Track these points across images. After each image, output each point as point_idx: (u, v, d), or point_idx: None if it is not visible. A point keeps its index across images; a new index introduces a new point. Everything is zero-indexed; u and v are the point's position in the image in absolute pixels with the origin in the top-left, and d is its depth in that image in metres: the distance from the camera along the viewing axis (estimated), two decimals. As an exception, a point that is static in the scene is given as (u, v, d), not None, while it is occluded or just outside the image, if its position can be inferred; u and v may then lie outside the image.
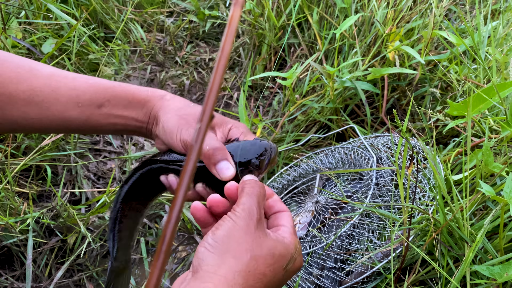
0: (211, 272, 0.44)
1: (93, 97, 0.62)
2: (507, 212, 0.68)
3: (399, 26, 1.28)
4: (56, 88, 0.62)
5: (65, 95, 0.61)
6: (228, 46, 0.20)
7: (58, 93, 0.61)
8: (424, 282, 0.82)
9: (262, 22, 1.53)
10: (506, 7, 1.44)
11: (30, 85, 0.61)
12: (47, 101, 0.61)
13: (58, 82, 0.62)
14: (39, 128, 0.64)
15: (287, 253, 0.49)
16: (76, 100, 0.62)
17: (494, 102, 0.81)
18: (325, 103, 1.25)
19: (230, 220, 0.48)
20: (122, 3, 1.88)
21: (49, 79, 0.62)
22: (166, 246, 0.19)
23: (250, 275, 0.45)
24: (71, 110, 0.62)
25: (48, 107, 0.61)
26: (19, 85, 0.61)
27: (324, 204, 1.00)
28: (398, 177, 0.76)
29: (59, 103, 0.61)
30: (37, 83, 0.61)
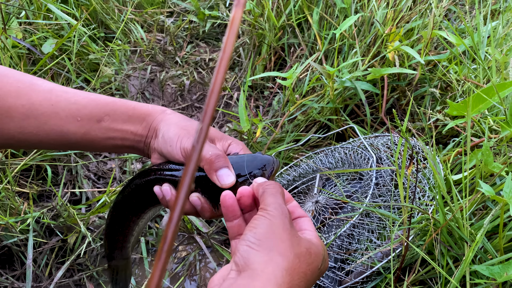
0: (259, 270, 0.43)
1: (93, 112, 0.62)
2: (507, 212, 0.68)
3: (399, 26, 1.28)
4: (56, 103, 0.61)
5: (65, 109, 0.61)
6: (230, 46, 0.21)
7: (58, 107, 0.61)
8: (424, 282, 0.83)
9: (262, 22, 1.53)
10: (505, 7, 1.44)
11: (29, 99, 0.61)
12: (46, 115, 0.61)
13: (58, 96, 0.62)
14: (36, 143, 0.63)
15: (320, 253, 0.49)
16: (75, 114, 0.61)
17: (494, 102, 0.81)
18: (325, 103, 1.25)
19: (266, 218, 0.47)
20: (122, 3, 1.89)
21: (49, 93, 0.62)
22: (167, 246, 0.19)
23: (295, 273, 0.45)
24: (69, 124, 0.61)
25: (46, 121, 0.61)
26: (19, 99, 0.60)
27: (324, 204, 1.00)
28: (398, 177, 0.76)
29: (58, 117, 0.61)
30: (37, 98, 0.61)
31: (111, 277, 0.75)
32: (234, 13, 0.21)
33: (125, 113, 0.63)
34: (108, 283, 1.07)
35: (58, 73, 1.46)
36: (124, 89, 1.57)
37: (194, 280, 1.09)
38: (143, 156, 0.69)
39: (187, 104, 1.64)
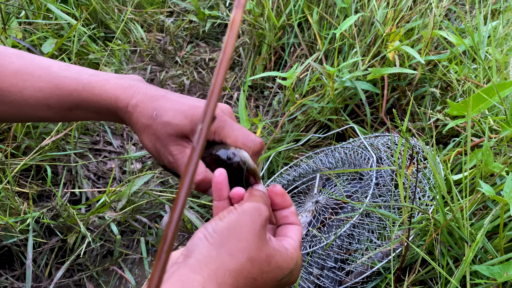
0: (203, 263, 0.42)
1: (61, 101, 0.59)
2: (507, 212, 0.68)
3: (399, 26, 1.28)
4: (23, 89, 0.59)
5: (32, 97, 0.59)
6: (230, 47, 0.21)
7: (25, 95, 0.59)
8: (424, 282, 0.82)
9: (262, 22, 1.53)
10: (506, 7, 1.44)
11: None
12: (17, 102, 0.59)
13: (24, 82, 0.59)
14: (19, 121, 0.63)
15: (285, 266, 0.46)
16: (44, 102, 0.60)
17: (494, 102, 0.81)
18: (325, 103, 1.25)
19: (235, 213, 0.45)
20: (122, 3, 1.88)
21: (15, 78, 0.59)
22: (167, 246, 0.19)
23: (241, 277, 0.43)
24: (43, 111, 0.60)
25: (19, 107, 0.60)
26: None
27: (324, 204, 1.00)
28: (398, 177, 0.76)
29: (28, 104, 0.60)
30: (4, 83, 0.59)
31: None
32: (235, 15, 0.21)
33: (92, 105, 0.59)
34: (107, 283, 1.06)
35: (58, 73, 1.46)
36: (124, 89, 1.57)
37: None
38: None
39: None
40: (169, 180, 1.27)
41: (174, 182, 1.27)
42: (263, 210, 0.47)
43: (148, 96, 0.57)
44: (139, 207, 1.16)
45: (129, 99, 0.57)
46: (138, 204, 1.13)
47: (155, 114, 0.56)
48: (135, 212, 1.15)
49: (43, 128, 1.24)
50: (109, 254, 1.12)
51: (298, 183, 1.16)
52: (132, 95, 0.57)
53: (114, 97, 0.58)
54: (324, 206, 1.00)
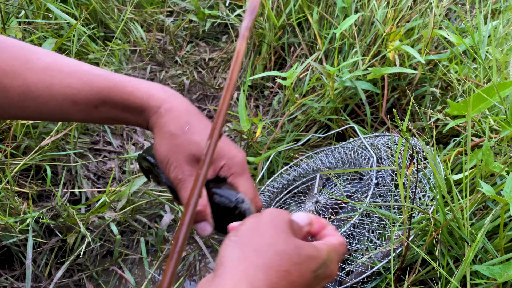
0: (232, 267, 0.40)
1: (89, 97, 0.60)
2: (507, 212, 0.68)
3: (399, 26, 1.28)
4: (51, 85, 0.59)
5: (60, 92, 0.59)
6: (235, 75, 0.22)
7: (52, 90, 0.59)
8: (424, 282, 0.82)
9: (262, 22, 1.53)
10: (506, 6, 1.43)
11: (24, 81, 0.59)
12: (43, 97, 0.59)
13: (52, 77, 0.59)
14: (41, 119, 0.63)
15: (318, 256, 0.44)
16: (72, 98, 0.59)
17: (494, 102, 0.81)
18: (325, 102, 1.25)
19: (255, 216, 0.45)
20: (122, 3, 1.88)
21: (44, 74, 0.59)
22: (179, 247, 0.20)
23: (273, 271, 0.40)
24: (68, 107, 0.60)
25: (45, 103, 0.60)
26: (14, 80, 0.59)
27: (324, 204, 1.00)
28: (398, 177, 0.76)
29: (55, 100, 0.60)
30: (32, 79, 0.59)
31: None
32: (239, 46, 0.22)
33: (121, 102, 0.60)
34: (107, 283, 1.06)
35: (58, 72, 1.46)
36: (124, 89, 1.57)
37: (194, 280, 1.09)
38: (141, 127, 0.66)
39: (187, 104, 1.63)
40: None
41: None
42: (284, 213, 0.46)
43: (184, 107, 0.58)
44: (139, 207, 1.16)
45: (164, 101, 0.58)
46: (138, 204, 1.13)
47: (187, 128, 0.56)
48: (135, 212, 1.15)
49: (43, 128, 1.24)
50: (109, 254, 1.12)
51: (298, 183, 1.16)
52: (168, 98, 0.58)
53: (147, 96, 0.58)
54: (324, 206, 1.00)
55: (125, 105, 0.60)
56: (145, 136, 1.47)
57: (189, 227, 0.21)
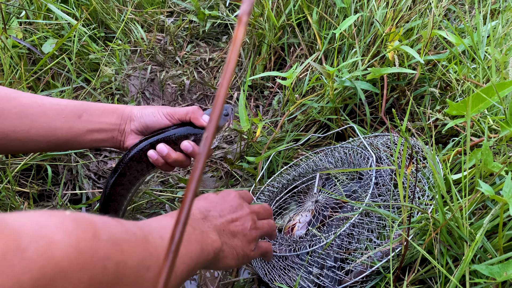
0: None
1: (74, 110, 0.75)
2: (506, 211, 0.69)
3: (399, 26, 1.29)
4: (42, 104, 0.73)
5: (51, 108, 0.73)
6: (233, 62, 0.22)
7: (44, 107, 0.72)
8: (423, 281, 0.83)
9: (262, 22, 1.53)
10: (505, 6, 1.44)
11: (19, 102, 0.71)
12: (36, 114, 0.72)
13: (42, 99, 0.74)
14: (26, 141, 0.72)
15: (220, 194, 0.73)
16: (60, 112, 0.73)
17: (494, 101, 0.81)
18: (324, 102, 1.25)
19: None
20: (123, 3, 1.89)
21: (34, 98, 0.73)
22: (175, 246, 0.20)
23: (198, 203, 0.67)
24: (56, 121, 0.73)
25: (36, 119, 0.71)
26: (10, 102, 0.69)
27: (323, 203, 1.00)
28: (398, 177, 0.76)
29: (46, 115, 0.72)
30: (25, 101, 0.71)
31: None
32: (237, 32, 0.23)
33: (98, 109, 0.78)
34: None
35: (59, 73, 1.46)
36: (124, 89, 1.58)
37: (194, 279, 1.09)
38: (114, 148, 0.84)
39: (187, 104, 1.64)
40: (169, 180, 1.27)
41: (174, 181, 1.27)
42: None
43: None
44: (139, 206, 1.16)
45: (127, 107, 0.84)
46: (138, 204, 1.14)
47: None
48: (136, 212, 1.16)
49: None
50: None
51: (298, 183, 1.17)
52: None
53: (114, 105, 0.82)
54: (324, 205, 1.00)
55: (101, 111, 0.78)
56: (146, 136, 1.47)
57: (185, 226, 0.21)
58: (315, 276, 0.88)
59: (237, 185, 1.24)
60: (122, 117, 0.79)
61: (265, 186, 1.17)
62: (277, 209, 1.14)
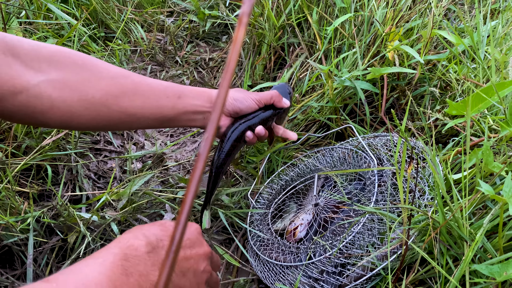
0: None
1: (174, 90, 0.83)
2: (506, 211, 0.69)
3: (398, 26, 1.28)
4: (150, 83, 0.80)
5: (157, 89, 0.81)
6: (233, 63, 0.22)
7: (152, 87, 0.80)
8: (423, 282, 0.83)
9: (261, 22, 1.53)
10: (505, 6, 1.44)
11: (133, 80, 0.78)
12: (147, 91, 0.79)
13: (148, 79, 0.81)
14: (140, 117, 0.79)
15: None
16: (164, 92, 0.81)
17: (494, 101, 0.81)
18: (324, 102, 1.25)
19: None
20: (123, 3, 1.89)
21: (142, 77, 0.80)
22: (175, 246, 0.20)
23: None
24: (162, 99, 0.80)
25: (148, 96, 0.79)
26: (126, 79, 0.77)
27: (323, 206, 1.00)
28: (398, 178, 0.76)
29: (154, 93, 0.80)
30: (137, 79, 0.79)
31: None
32: (237, 32, 0.23)
33: (191, 92, 0.85)
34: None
35: (58, 72, 1.46)
36: (124, 89, 1.58)
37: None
38: (203, 128, 0.92)
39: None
40: (169, 179, 1.27)
41: (174, 181, 1.27)
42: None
43: None
44: (140, 206, 1.16)
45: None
46: (138, 204, 1.14)
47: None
48: (136, 212, 1.15)
49: (43, 128, 1.24)
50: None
51: (296, 183, 1.17)
52: None
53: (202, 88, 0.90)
54: (324, 209, 1.00)
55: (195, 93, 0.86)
56: (146, 135, 1.47)
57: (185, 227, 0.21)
58: (314, 280, 0.88)
59: (238, 184, 1.24)
60: (213, 100, 0.85)
61: (263, 188, 1.17)
62: (276, 211, 1.13)
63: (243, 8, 0.24)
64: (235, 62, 0.23)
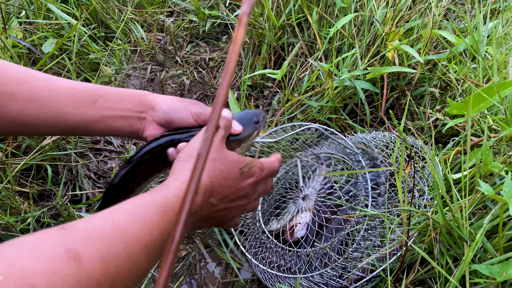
0: (178, 174, 0.56)
1: (88, 95, 0.70)
2: (506, 211, 0.68)
3: (398, 26, 1.28)
4: (55, 88, 0.68)
5: (63, 93, 0.69)
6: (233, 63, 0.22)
7: (56, 92, 0.68)
8: (423, 282, 0.83)
9: (262, 22, 1.53)
10: (505, 6, 1.44)
11: (31, 86, 0.67)
12: (46, 99, 0.68)
13: (56, 83, 0.69)
14: (36, 125, 0.69)
15: (240, 160, 0.61)
16: (72, 97, 0.69)
17: (494, 101, 0.81)
18: (324, 102, 1.25)
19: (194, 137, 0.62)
20: (122, 3, 1.89)
21: (48, 82, 0.69)
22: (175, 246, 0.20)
23: (210, 171, 0.57)
24: (67, 106, 0.69)
25: (46, 104, 0.68)
26: (21, 86, 0.66)
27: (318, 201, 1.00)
28: (397, 178, 0.76)
29: (57, 100, 0.68)
30: (38, 85, 0.68)
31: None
32: (237, 32, 0.23)
33: (116, 94, 0.71)
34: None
35: (58, 72, 1.46)
36: (124, 89, 1.58)
37: (194, 279, 1.09)
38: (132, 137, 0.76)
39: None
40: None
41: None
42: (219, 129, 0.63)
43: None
44: (139, 206, 1.16)
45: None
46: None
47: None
48: (135, 212, 1.15)
49: (44, 128, 1.24)
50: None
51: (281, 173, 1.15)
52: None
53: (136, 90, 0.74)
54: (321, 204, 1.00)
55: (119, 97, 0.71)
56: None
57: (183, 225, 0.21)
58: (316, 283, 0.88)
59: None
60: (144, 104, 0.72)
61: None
62: (274, 209, 1.13)
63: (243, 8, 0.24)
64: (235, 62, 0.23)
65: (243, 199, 0.63)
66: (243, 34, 0.24)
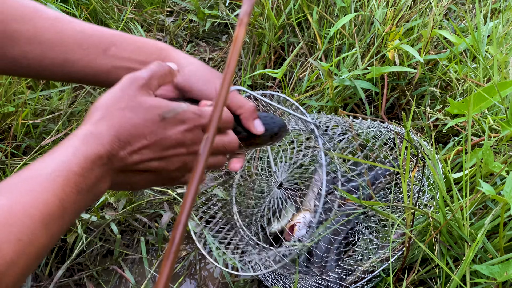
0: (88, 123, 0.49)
1: (100, 41, 0.61)
2: (507, 211, 0.68)
3: (399, 25, 1.28)
4: (62, 30, 0.60)
5: (71, 37, 0.60)
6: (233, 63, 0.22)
7: (64, 35, 0.60)
8: (423, 282, 0.83)
9: (262, 22, 1.53)
10: (506, 6, 1.44)
11: (34, 25, 0.60)
12: (51, 41, 0.60)
13: (64, 24, 0.61)
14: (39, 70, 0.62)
15: (164, 106, 0.51)
16: (81, 43, 0.60)
17: (495, 101, 0.81)
18: (324, 102, 1.25)
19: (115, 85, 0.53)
20: (122, 3, 1.89)
21: (55, 21, 0.61)
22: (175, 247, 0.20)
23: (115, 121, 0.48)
24: (74, 51, 0.60)
25: (51, 47, 0.60)
26: (23, 24, 0.59)
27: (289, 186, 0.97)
28: (403, 180, 0.76)
29: (63, 44, 0.60)
30: (43, 24, 0.60)
31: None
32: (237, 32, 0.22)
33: (133, 43, 0.62)
34: (108, 282, 1.06)
35: (58, 72, 1.46)
36: (124, 89, 1.57)
37: (194, 279, 1.09)
38: None
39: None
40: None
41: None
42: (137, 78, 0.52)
43: None
44: (139, 206, 1.16)
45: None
46: (138, 204, 1.14)
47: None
48: (135, 212, 1.15)
49: (43, 128, 1.24)
50: (109, 254, 1.12)
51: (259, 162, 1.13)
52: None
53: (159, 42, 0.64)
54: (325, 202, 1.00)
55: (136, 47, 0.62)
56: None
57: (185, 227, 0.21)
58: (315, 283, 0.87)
59: (237, 185, 1.24)
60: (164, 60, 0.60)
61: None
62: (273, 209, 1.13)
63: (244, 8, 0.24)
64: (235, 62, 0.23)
65: (178, 148, 0.52)
66: (244, 33, 0.23)
